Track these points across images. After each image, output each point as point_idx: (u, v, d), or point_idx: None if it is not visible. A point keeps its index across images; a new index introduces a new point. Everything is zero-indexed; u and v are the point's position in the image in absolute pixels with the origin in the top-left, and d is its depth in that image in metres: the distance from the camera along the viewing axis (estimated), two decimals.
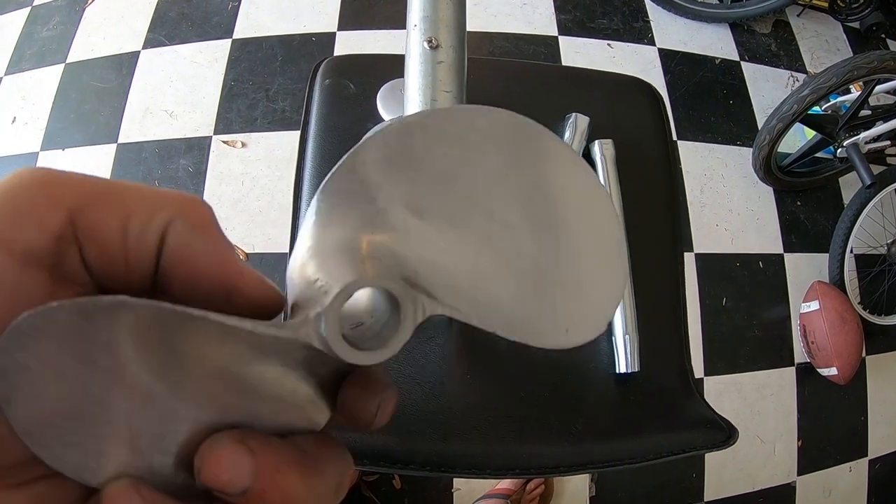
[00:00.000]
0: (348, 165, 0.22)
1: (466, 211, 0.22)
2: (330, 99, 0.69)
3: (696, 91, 2.13)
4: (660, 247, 0.69)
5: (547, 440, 0.59)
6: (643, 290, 0.65)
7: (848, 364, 1.77)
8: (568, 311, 0.24)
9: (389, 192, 0.22)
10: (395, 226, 0.22)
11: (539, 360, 0.62)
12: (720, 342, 1.83)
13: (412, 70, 0.46)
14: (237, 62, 2.00)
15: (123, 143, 1.89)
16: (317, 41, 2.04)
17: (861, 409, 1.90)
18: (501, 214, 0.23)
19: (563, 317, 0.24)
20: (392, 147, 0.22)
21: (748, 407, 1.79)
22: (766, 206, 2.02)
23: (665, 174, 0.73)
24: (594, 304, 0.24)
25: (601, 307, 0.25)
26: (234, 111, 1.91)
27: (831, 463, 1.83)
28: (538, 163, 0.23)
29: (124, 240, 0.19)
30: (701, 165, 2.02)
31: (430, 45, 0.45)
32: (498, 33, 2.12)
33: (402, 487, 1.56)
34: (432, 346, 0.60)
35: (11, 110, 2.00)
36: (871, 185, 1.75)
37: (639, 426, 0.60)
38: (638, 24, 2.24)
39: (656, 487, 1.68)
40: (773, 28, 2.35)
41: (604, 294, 0.25)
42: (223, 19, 2.08)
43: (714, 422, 0.61)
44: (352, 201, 0.22)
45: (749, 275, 1.92)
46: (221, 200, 1.79)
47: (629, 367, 0.61)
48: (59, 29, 2.14)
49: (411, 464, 0.56)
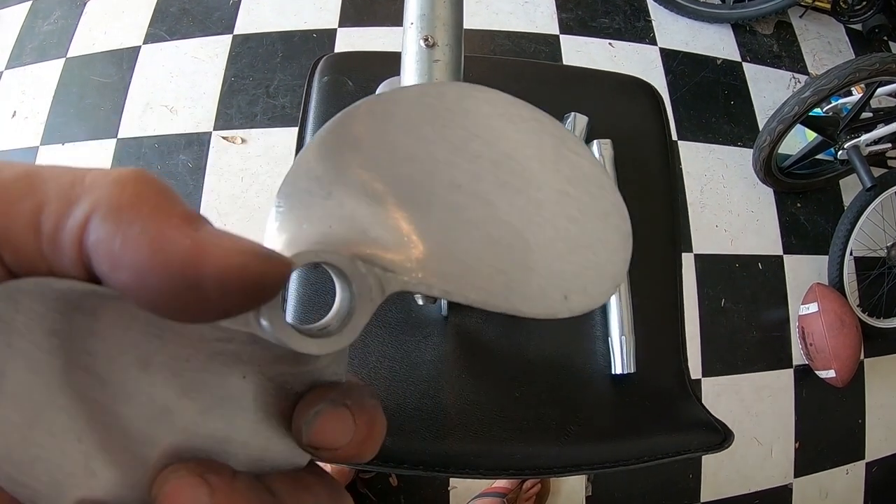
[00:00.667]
0: (299, 163, 0.21)
1: (428, 186, 0.21)
2: (328, 96, 0.69)
3: (697, 91, 2.13)
4: (658, 248, 0.69)
5: (542, 441, 0.58)
6: (640, 291, 0.64)
7: (846, 367, 1.76)
8: (564, 275, 0.22)
9: (344, 184, 0.21)
10: (354, 215, 0.21)
11: (535, 360, 0.62)
12: (718, 343, 1.82)
13: (408, 68, 0.45)
14: (238, 58, 2.00)
15: (123, 139, 1.89)
16: (318, 38, 2.03)
17: (859, 412, 1.90)
18: (469, 184, 0.22)
19: (560, 281, 0.22)
20: (340, 136, 0.21)
21: (746, 408, 1.79)
22: (766, 208, 2.02)
23: (664, 175, 0.72)
24: (598, 265, 0.23)
25: (607, 269, 0.23)
26: (235, 107, 1.91)
27: (828, 465, 1.83)
28: (491, 124, 0.23)
29: (38, 241, 0.15)
30: (701, 166, 2.02)
31: (427, 44, 0.44)
32: (499, 31, 2.12)
33: (399, 485, 1.56)
34: (428, 346, 0.60)
35: (11, 104, 2.00)
36: (871, 188, 1.75)
37: (635, 428, 0.60)
38: (640, 24, 2.23)
39: (653, 488, 1.68)
40: (776, 29, 2.34)
41: (607, 254, 0.23)
42: (224, 15, 2.08)
43: (710, 424, 0.61)
44: (308, 200, 0.21)
45: (748, 276, 1.92)
46: (220, 196, 1.78)
47: (625, 369, 0.61)
48: (59, 23, 2.14)
49: (405, 463, 0.56)
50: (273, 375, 0.19)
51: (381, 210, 0.21)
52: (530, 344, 0.62)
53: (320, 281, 0.62)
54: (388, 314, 0.61)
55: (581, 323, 0.64)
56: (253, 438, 0.19)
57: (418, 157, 0.22)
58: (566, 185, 0.23)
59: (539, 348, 0.62)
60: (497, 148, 0.22)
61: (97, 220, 0.15)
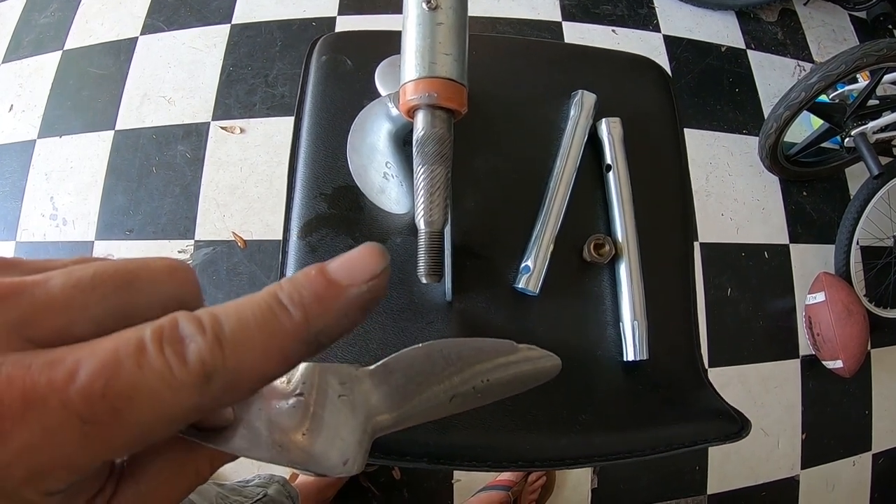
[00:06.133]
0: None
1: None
2: (326, 75, 0.66)
3: (701, 79, 2.11)
4: (669, 230, 0.67)
5: (551, 431, 0.56)
6: (651, 274, 0.62)
7: (853, 357, 1.75)
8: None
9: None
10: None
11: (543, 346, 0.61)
12: (725, 333, 1.81)
13: (410, 32, 0.43)
14: (236, 47, 1.97)
15: (121, 130, 1.87)
16: (316, 26, 2.01)
17: (865, 403, 1.89)
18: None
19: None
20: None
21: (752, 399, 1.78)
22: (771, 196, 2.00)
23: (675, 155, 0.70)
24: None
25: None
26: (233, 97, 1.89)
27: (835, 457, 1.82)
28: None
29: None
30: (706, 154, 2.00)
31: (430, 6, 0.42)
32: (501, 18, 2.10)
33: (402, 478, 1.55)
34: (431, 333, 0.58)
35: (8, 98, 1.99)
36: (878, 176, 1.73)
37: (648, 417, 0.58)
38: (643, 11, 2.21)
39: (659, 480, 1.67)
40: (780, 17, 2.32)
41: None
42: (222, 4, 2.05)
43: (726, 412, 0.59)
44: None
45: (754, 265, 1.90)
46: (219, 187, 1.76)
47: (637, 355, 0.59)
48: (56, 15, 2.12)
49: (408, 456, 0.53)
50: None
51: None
52: (538, 330, 0.60)
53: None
54: (391, 300, 0.59)
55: (591, 308, 0.62)
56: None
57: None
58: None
59: (547, 334, 0.60)
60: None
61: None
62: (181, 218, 1.74)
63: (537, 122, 0.68)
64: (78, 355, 0.16)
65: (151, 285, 0.20)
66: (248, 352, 0.18)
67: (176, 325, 0.18)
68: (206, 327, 0.18)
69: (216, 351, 0.17)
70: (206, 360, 0.17)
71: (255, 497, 0.90)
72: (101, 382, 0.16)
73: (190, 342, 0.17)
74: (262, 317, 0.18)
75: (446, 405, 0.28)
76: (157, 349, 0.17)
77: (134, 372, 0.16)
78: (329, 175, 0.62)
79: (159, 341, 0.17)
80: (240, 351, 0.18)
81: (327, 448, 0.24)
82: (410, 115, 0.49)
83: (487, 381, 0.29)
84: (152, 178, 1.80)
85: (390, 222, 0.61)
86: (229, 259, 1.69)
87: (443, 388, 0.28)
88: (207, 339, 0.17)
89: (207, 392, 0.17)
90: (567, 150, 0.64)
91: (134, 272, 0.20)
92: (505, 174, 0.65)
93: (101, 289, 0.19)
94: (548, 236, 0.61)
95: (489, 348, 0.30)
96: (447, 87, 0.46)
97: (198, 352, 0.17)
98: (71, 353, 0.17)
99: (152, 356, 0.17)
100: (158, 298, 0.20)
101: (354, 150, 0.59)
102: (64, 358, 0.16)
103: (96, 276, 0.19)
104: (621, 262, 0.62)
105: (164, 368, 0.17)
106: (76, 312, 0.18)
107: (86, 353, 0.17)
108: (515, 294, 0.61)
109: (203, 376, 0.17)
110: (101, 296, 0.19)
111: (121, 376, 0.16)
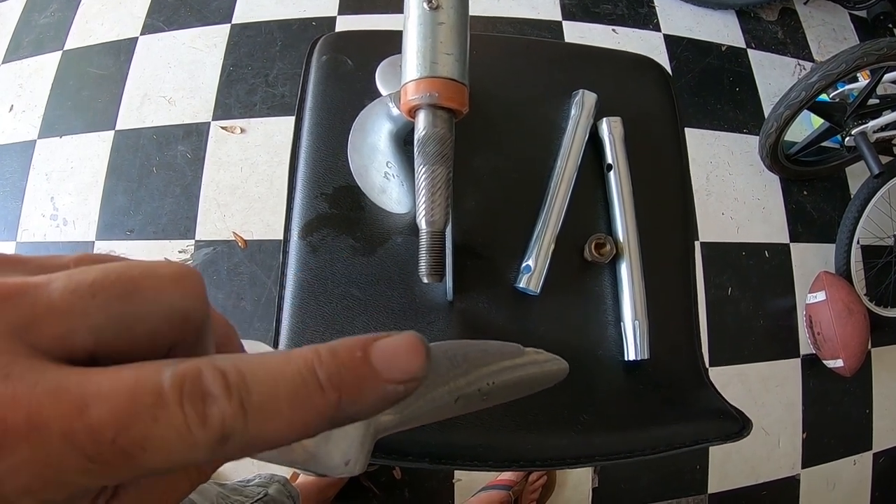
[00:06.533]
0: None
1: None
2: (327, 75, 0.66)
3: (701, 78, 2.10)
4: (670, 230, 0.67)
5: (552, 431, 0.56)
6: (652, 273, 0.62)
7: (854, 356, 1.75)
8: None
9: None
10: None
11: (543, 344, 0.61)
12: (725, 332, 1.81)
13: (411, 32, 0.43)
14: (236, 47, 1.97)
15: (121, 130, 1.87)
16: (317, 25, 2.01)
17: (866, 402, 1.89)
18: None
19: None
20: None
21: (753, 398, 1.78)
22: (772, 196, 2.00)
23: (675, 154, 0.70)
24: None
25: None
26: (233, 97, 1.89)
27: (835, 456, 1.82)
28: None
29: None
30: (706, 153, 2.00)
31: (431, 6, 0.42)
32: (501, 17, 2.10)
33: (403, 478, 1.55)
34: (432, 332, 0.58)
35: (9, 98, 1.99)
36: (879, 175, 1.73)
37: (650, 416, 0.58)
38: (643, 10, 2.21)
39: (659, 479, 1.67)
40: (780, 16, 2.32)
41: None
42: (222, 4, 2.05)
43: (727, 412, 0.59)
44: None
45: (755, 264, 1.90)
46: (220, 187, 1.76)
47: (638, 355, 0.59)
48: (56, 16, 2.12)
49: (409, 455, 0.54)
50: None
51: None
52: (539, 330, 0.60)
53: (319, 266, 0.60)
54: (391, 299, 0.59)
55: (592, 307, 0.62)
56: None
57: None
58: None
59: (548, 334, 0.60)
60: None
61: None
62: (182, 218, 1.74)
63: (538, 121, 0.68)
64: (86, 390, 0.16)
65: (155, 294, 0.19)
66: (271, 422, 0.17)
67: (199, 377, 0.17)
68: (231, 389, 0.17)
69: (239, 417, 0.17)
70: (227, 424, 0.16)
71: (255, 497, 0.90)
72: (111, 432, 0.15)
73: (212, 404, 0.16)
74: (293, 390, 0.17)
75: (451, 406, 0.28)
76: (176, 403, 0.16)
77: (149, 424, 0.16)
78: (330, 175, 0.62)
79: (179, 394, 0.16)
80: (263, 420, 0.17)
81: (329, 448, 0.24)
82: (412, 114, 0.49)
83: (493, 384, 0.29)
84: (153, 178, 1.80)
85: (391, 222, 0.61)
86: (230, 259, 1.69)
87: (447, 389, 0.27)
88: (232, 404, 0.17)
89: (221, 451, 0.17)
90: (568, 150, 0.64)
91: (137, 280, 0.18)
92: (506, 174, 0.65)
93: (102, 296, 0.18)
94: (549, 236, 0.61)
95: (495, 350, 0.30)
96: (448, 87, 0.46)
97: (220, 415, 0.16)
98: (79, 387, 0.16)
99: (171, 410, 0.16)
100: (162, 309, 0.19)
101: (355, 149, 0.59)
102: (69, 390, 0.16)
103: (95, 283, 0.18)
104: (622, 261, 0.62)
105: (181, 425, 0.16)
106: (76, 320, 0.17)
107: (93, 390, 0.16)
108: (516, 294, 0.61)
109: (221, 438, 0.16)
110: (101, 304, 0.18)
111: (135, 427, 0.16)
